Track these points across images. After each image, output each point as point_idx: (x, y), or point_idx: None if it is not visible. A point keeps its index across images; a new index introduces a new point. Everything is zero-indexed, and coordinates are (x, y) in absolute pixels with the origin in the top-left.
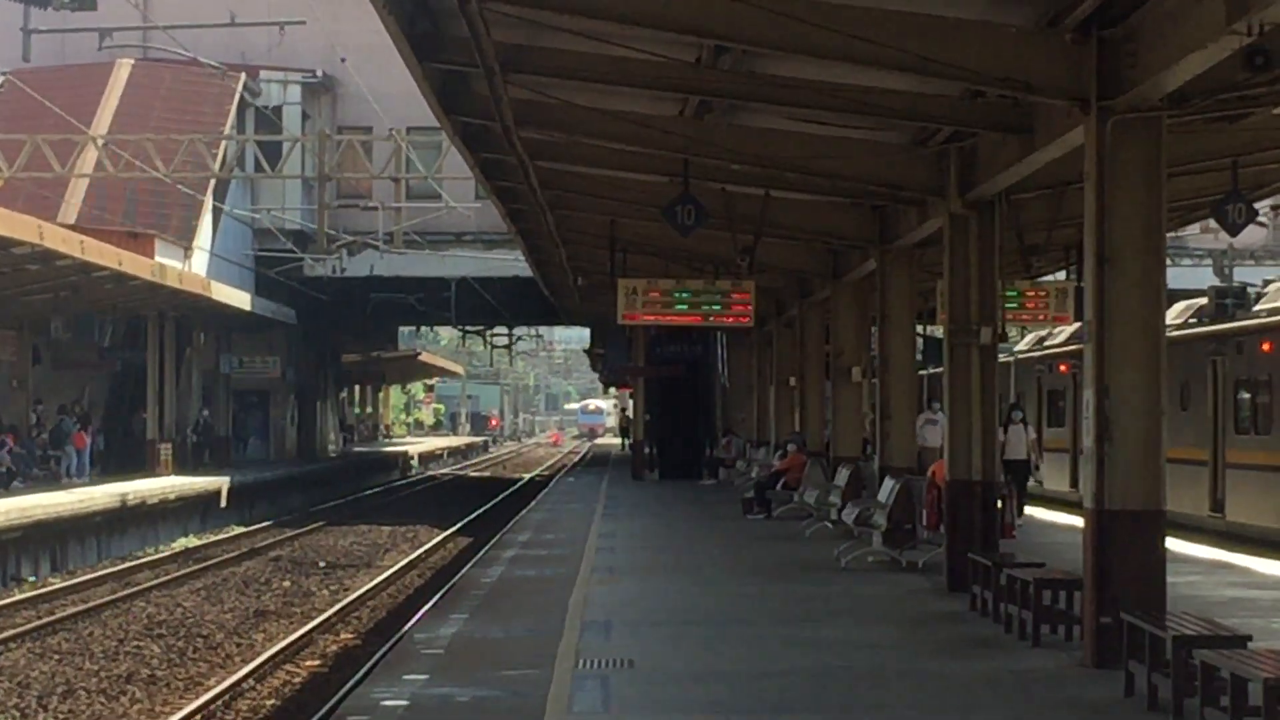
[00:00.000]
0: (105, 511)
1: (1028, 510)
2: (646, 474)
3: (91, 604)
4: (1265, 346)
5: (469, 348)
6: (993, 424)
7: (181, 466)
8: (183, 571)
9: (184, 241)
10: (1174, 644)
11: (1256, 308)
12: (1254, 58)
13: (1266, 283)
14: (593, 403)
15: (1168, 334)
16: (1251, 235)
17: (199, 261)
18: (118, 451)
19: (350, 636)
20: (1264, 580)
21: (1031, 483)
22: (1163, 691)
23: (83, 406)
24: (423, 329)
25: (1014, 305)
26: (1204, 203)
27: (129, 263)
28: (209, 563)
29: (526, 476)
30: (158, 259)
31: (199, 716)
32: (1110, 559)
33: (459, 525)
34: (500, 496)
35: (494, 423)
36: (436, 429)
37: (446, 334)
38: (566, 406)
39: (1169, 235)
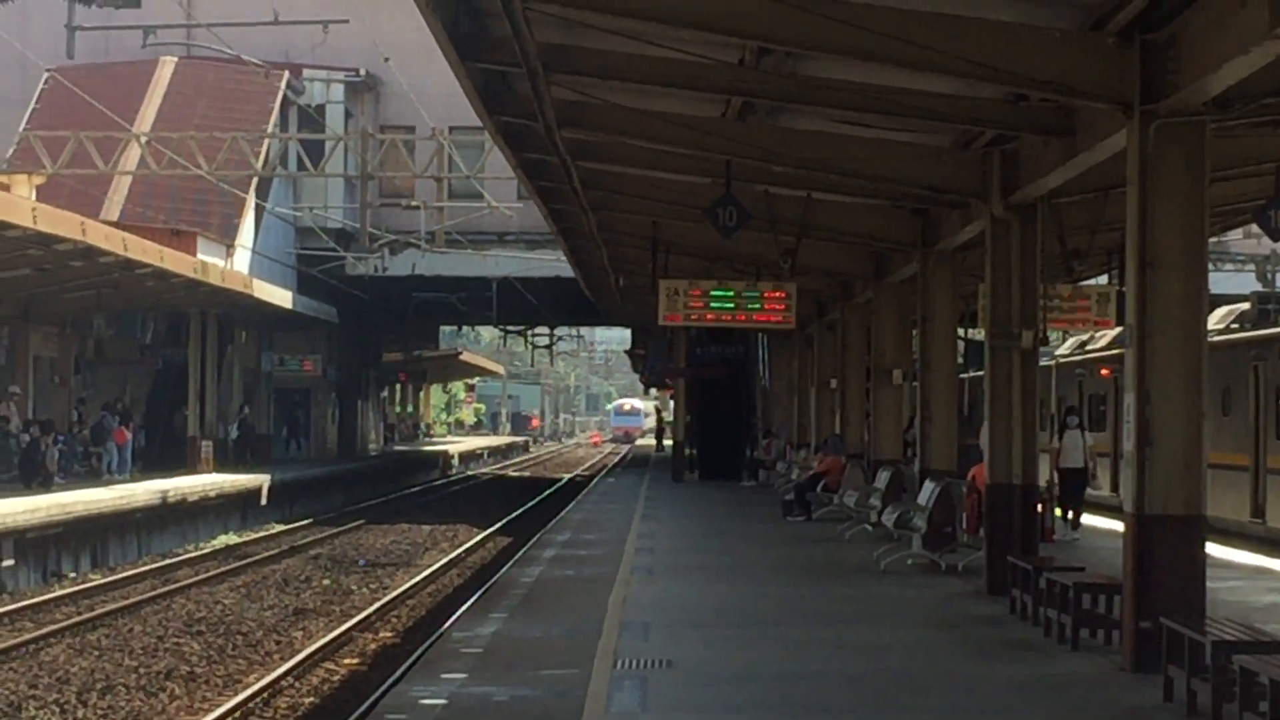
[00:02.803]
0: (146, 508)
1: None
2: (687, 475)
3: (131, 600)
4: None
5: (510, 347)
6: (1033, 428)
7: (222, 464)
8: (223, 569)
9: (226, 239)
10: (1213, 649)
11: None
12: None
13: None
14: (628, 402)
15: (1209, 339)
16: None
17: (241, 259)
18: (159, 448)
19: (389, 635)
20: None
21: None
22: (1202, 697)
23: (124, 403)
24: (464, 328)
25: (1056, 309)
26: (1247, 207)
27: (171, 260)
28: (249, 560)
29: (566, 477)
30: (200, 256)
31: (238, 713)
32: (1150, 564)
33: (499, 525)
34: (540, 496)
35: (534, 423)
36: (477, 428)
37: (487, 333)
38: (607, 407)
39: (1211, 240)
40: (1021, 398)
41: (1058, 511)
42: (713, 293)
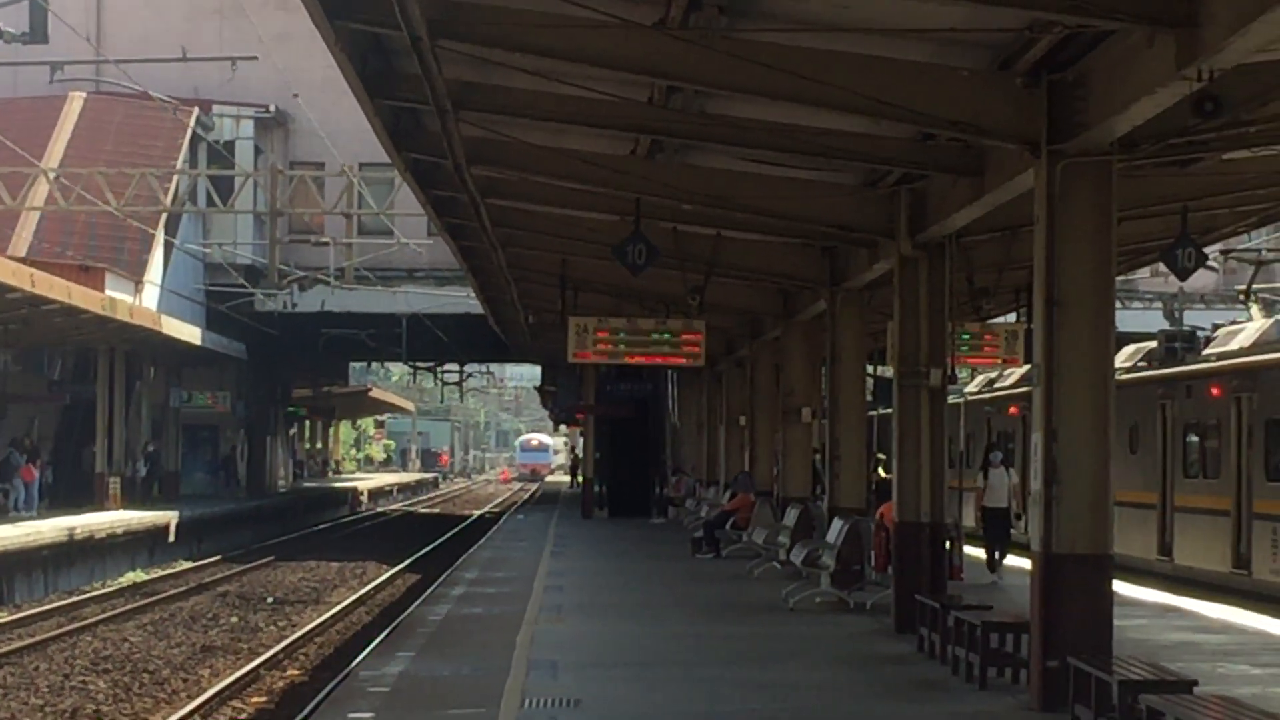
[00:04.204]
0: (52, 545)
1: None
2: (596, 512)
3: (37, 638)
4: (1214, 391)
5: (420, 384)
6: (941, 465)
7: (130, 500)
8: (130, 606)
9: (135, 275)
10: (1120, 688)
11: (1206, 351)
12: (1203, 104)
13: (1216, 327)
14: (535, 437)
15: (1117, 377)
16: (1201, 279)
17: (150, 295)
18: (66, 485)
19: (297, 673)
20: (1211, 624)
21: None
22: None
23: (31, 440)
24: (374, 365)
25: (964, 347)
26: (1154, 246)
27: (79, 296)
28: (156, 597)
29: (476, 513)
30: (108, 292)
31: None
32: (1058, 602)
33: (408, 562)
34: (449, 533)
35: (444, 459)
36: (386, 465)
37: (397, 370)
38: (515, 442)
39: (1119, 278)
40: (930, 435)
41: (979, 553)
42: (622, 330)
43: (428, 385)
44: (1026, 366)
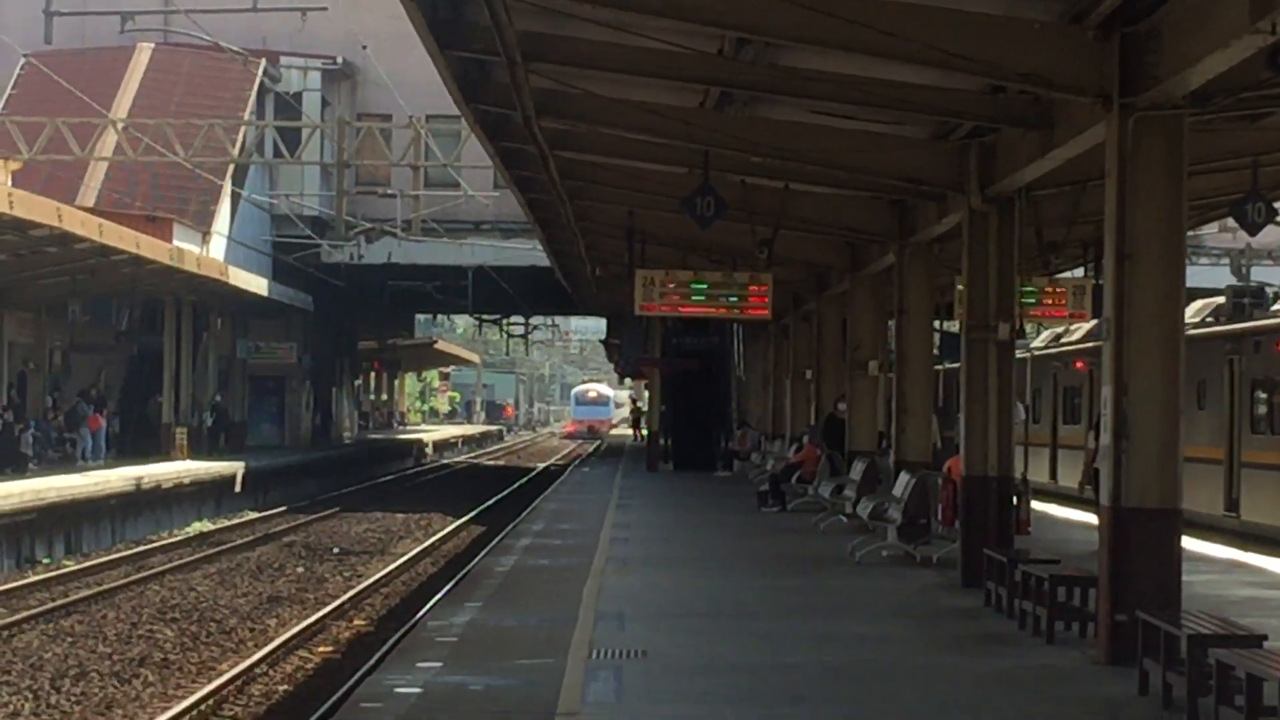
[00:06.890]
0: (120, 494)
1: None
2: (661, 465)
3: (105, 587)
4: None
5: (485, 336)
6: (1009, 420)
7: (197, 451)
8: (197, 556)
9: (202, 226)
10: (1189, 643)
11: (1274, 307)
12: (1276, 57)
13: None
14: (594, 388)
15: (1185, 333)
16: (1270, 235)
17: (217, 246)
18: (133, 435)
19: (363, 623)
20: (1279, 580)
21: (1046, 479)
22: (1177, 690)
23: (99, 389)
24: (439, 317)
25: (1032, 301)
26: (1223, 201)
27: (146, 246)
28: (223, 547)
29: (541, 466)
30: (175, 243)
31: (211, 701)
32: (1126, 557)
33: (473, 513)
34: (514, 485)
35: (509, 412)
36: (451, 417)
37: (463, 322)
38: (573, 392)
39: (1187, 233)
40: (998, 390)
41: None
42: (688, 283)
43: (493, 338)
44: (1093, 321)
